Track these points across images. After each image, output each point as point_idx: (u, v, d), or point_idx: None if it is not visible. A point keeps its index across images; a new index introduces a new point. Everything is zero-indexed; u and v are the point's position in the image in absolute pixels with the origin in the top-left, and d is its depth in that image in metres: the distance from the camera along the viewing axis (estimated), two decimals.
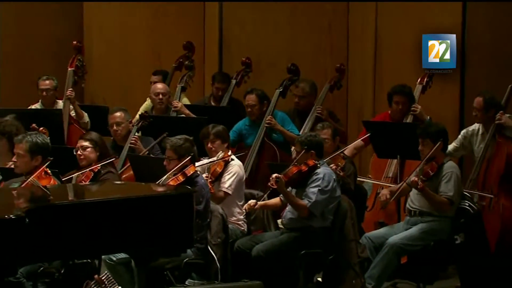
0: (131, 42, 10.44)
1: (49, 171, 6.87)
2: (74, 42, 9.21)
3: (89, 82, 9.72)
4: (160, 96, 8.88)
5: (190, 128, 7.74)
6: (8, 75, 10.32)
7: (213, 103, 9.23)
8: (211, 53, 10.18)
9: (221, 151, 7.69)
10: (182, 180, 6.99)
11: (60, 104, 8.98)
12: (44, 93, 8.98)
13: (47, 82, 8.99)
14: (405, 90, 8.30)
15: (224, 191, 7.54)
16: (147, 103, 9.21)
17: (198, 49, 9.64)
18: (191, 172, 7.06)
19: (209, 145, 7.70)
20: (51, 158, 6.81)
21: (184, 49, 9.44)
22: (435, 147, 7.22)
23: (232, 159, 7.70)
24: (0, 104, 7.31)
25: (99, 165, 7.33)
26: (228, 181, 7.56)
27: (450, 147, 7.88)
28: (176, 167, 7.03)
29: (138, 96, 9.60)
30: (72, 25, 10.53)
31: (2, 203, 6.10)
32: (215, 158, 7.64)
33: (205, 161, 7.71)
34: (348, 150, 8.17)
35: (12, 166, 6.98)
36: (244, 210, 7.44)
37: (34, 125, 8.00)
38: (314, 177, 7.19)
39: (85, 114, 8.93)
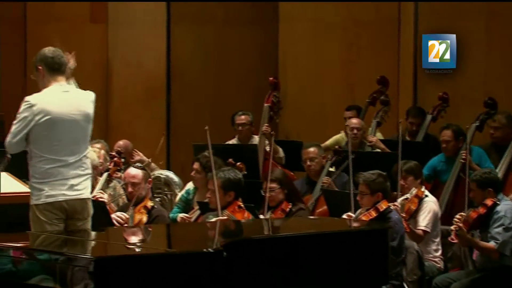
0: (325, 76, 10.51)
1: (243, 205, 7.00)
2: (271, 79, 9.36)
3: (283, 116, 9.85)
4: (355, 131, 8.87)
5: (383, 163, 7.69)
6: (206, 112, 10.63)
7: (408, 138, 9.13)
8: (405, 87, 10.07)
9: (414, 188, 7.59)
10: (375, 215, 6.95)
11: (255, 139, 9.16)
12: (240, 127, 9.18)
13: (243, 117, 9.20)
14: None
15: (423, 230, 7.42)
16: (337, 136, 9.23)
17: (392, 83, 9.57)
18: (384, 208, 7.00)
19: (401, 181, 7.61)
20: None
21: (378, 84, 9.40)
22: None
23: (426, 196, 7.58)
24: (200, 140, 7.50)
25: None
26: (425, 220, 7.44)
27: None
28: (369, 202, 7.01)
29: (332, 131, 9.63)
30: (268, 60, 10.75)
31: (200, 237, 6.26)
32: (408, 195, 7.55)
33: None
34: None
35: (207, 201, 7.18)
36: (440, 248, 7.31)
37: (231, 160, 8.19)
38: (495, 216, 6.99)
39: (280, 149, 9.04)
